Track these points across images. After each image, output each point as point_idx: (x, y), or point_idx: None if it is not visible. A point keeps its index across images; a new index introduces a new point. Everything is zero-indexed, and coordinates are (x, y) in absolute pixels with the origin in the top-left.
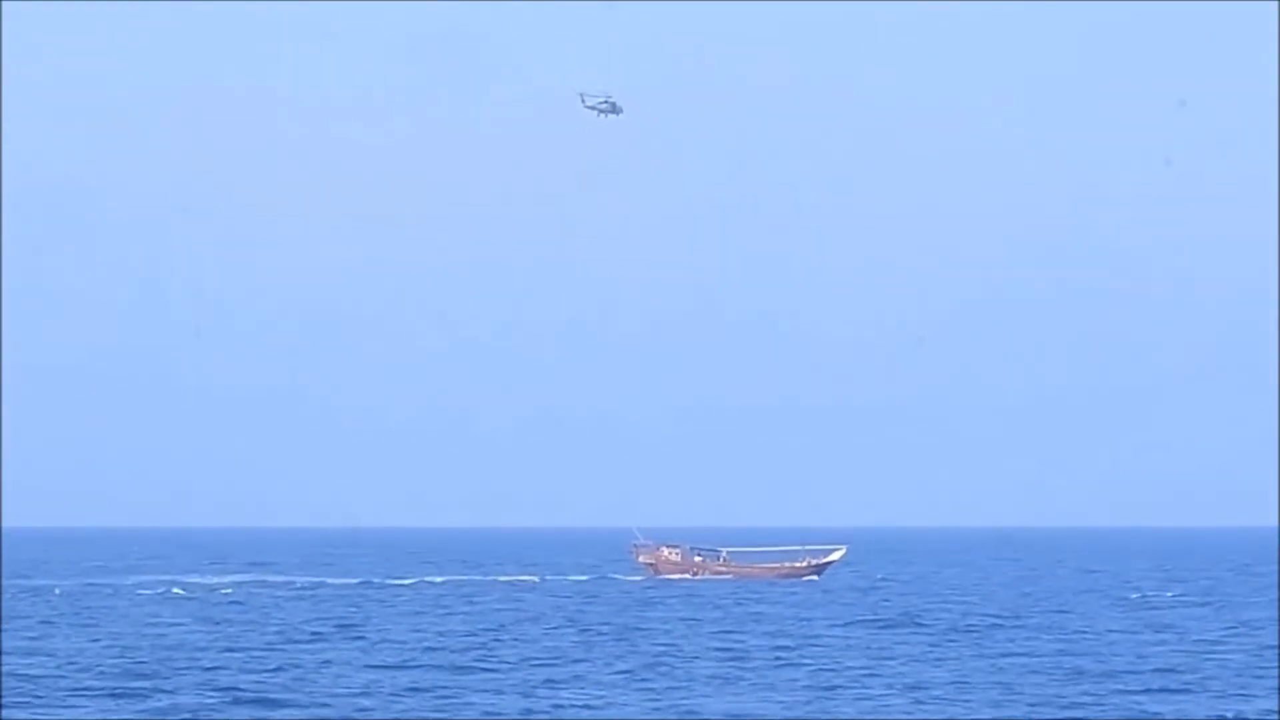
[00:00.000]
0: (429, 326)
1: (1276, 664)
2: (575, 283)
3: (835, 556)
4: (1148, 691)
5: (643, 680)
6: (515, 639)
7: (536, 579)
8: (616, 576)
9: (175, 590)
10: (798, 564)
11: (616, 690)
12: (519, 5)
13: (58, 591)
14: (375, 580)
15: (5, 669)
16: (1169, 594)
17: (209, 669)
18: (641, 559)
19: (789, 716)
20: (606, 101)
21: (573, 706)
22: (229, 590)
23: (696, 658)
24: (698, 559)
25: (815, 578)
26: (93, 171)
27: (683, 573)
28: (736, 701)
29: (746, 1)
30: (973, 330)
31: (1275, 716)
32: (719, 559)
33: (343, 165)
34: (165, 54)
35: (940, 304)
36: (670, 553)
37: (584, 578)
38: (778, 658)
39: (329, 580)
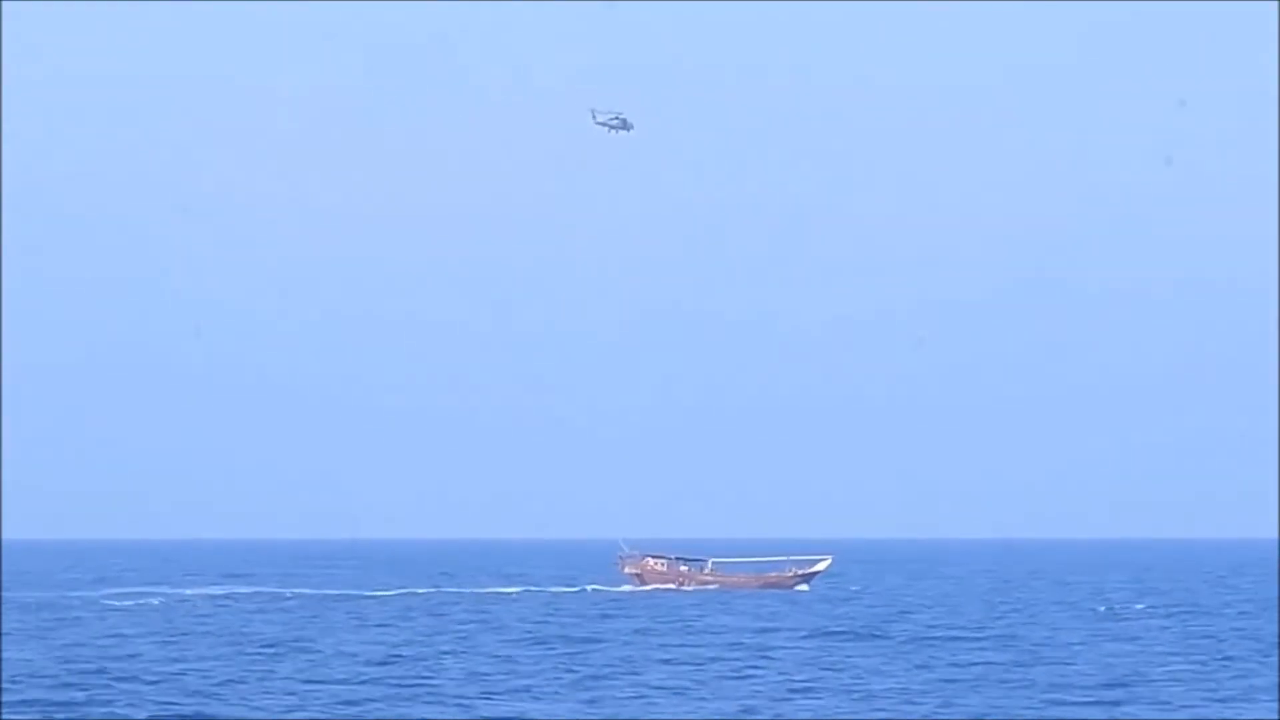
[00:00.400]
0: (425, 326)
1: (1229, 675)
2: (570, 283)
3: (821, 566)
4: (1090, 704)
5: (586, 691)
6: (468, 651)
7: (516, 590)
8: (601, 588)
9: (153, 601)
10: (784, 574)
11: (555, 702)
12: (519, 5)
13: (31, 603)
14: (350, 592)
15: None
16: (1139, 606)
17: (151, 682)
18: (627, 569)
19: None
20: (617, 118)
21: (502, 718)
22: (198, 602)
23: (646, 669)
24: (683, 569)
25: (805, 588)
26: (93, 171)
27: (668, 583)
28: (671, 713)
29: (746, 1)
30: (972, 330)
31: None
32: (704, 569)
33: (343, 164)
34: (166, 53)
35: (940, 303)
36: (656, 563)
37: (566, 589)
38: (729, 669)
39: (303, 591)
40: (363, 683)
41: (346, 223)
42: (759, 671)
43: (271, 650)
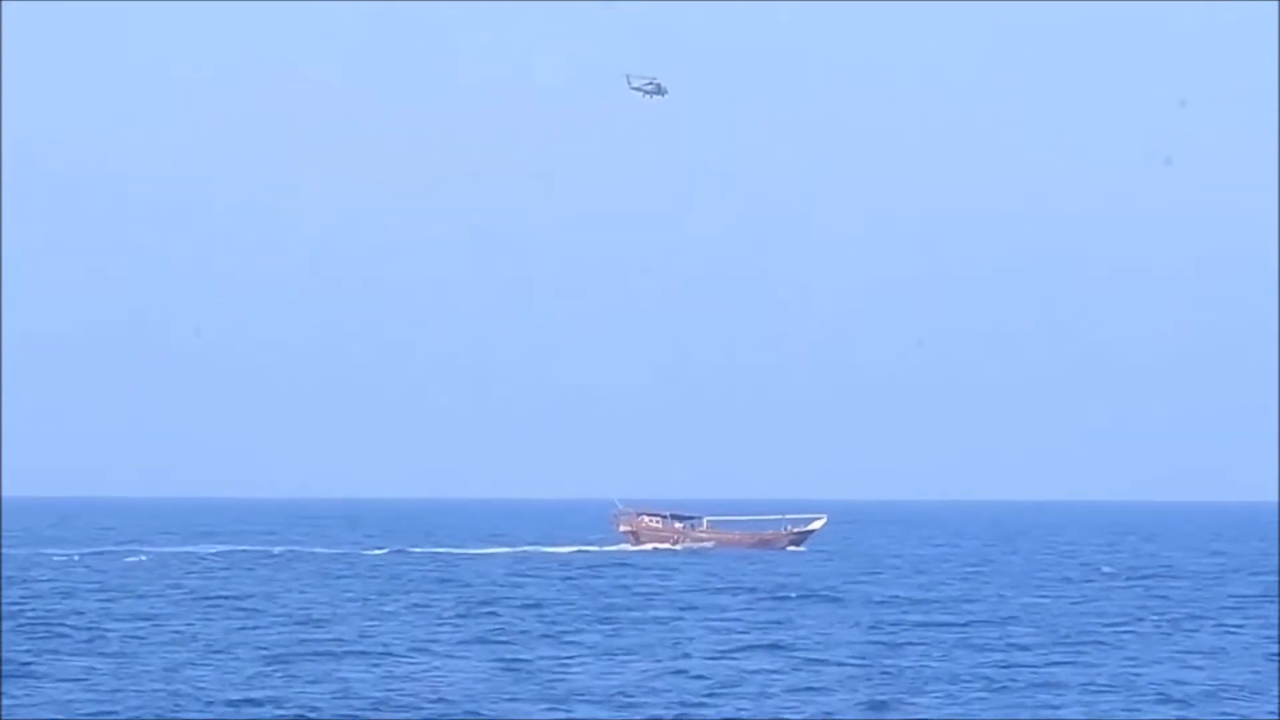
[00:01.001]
0: (424, 300)
1: (1168, 638)
2: (569, 273)
3: (816, 525)
4: (1018, 666)
5: (507, 649)
6: (409, 610)
7: (504, 550)
8: (591, 548)
9: (140, 558)
10: (779, 532)
11: (467, 661)
12: (518, 5)
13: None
14: (322, 551)
15: None
16: (1107, 569)
17: (79, 640)
18: (622, 527)
19: (625, 686)
20: (652, 83)
21: (392, 678)
22: (169, 559)
23: (584, 630)
24: (678, 526)
25: (800, 548)
26: (92, 170)
27: (663, 540)
28: (587, 672)
29: (746, 1)
30: (972, 328)
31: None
32: (699, 526)
33: (341, 158)
34: (165, 53)
35: (939, 301)
36: (651, 521)
37: (558, 549)
38: (669, 630)
39: (276, 549)
40: (286, 641)
41: (345, 221)
42: (700, 632)
43: (216, 608)
